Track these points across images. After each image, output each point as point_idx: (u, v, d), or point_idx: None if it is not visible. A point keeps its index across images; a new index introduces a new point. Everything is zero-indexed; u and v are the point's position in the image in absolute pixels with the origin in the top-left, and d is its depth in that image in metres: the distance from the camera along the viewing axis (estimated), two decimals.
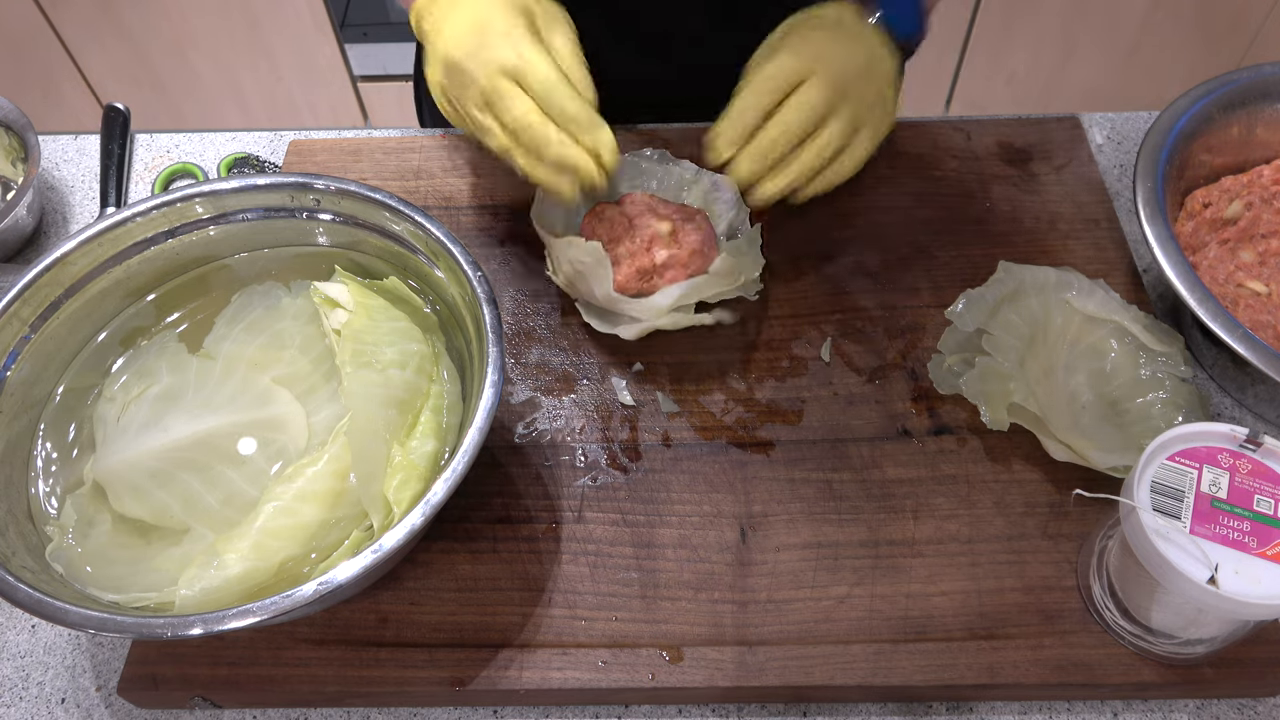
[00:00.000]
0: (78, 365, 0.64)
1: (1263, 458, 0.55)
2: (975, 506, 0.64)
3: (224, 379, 0.62)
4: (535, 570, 0.62)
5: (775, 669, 0.58)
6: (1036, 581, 0.61)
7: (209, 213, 0.66)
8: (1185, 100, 0.74)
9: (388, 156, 0.84)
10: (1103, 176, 0.81)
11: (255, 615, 0.49)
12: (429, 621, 0.61)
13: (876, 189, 0.80)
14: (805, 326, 0.73)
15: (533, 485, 0.66)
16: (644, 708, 0.60)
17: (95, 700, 0.61)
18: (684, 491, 0.65)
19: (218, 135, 0.90)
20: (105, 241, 0.63)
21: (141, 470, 0.58)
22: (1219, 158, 0.76)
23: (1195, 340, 0.71)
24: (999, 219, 0.78)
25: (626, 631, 0.60)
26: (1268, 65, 0.75)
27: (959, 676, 0.58)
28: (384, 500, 0.55)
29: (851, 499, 0.64)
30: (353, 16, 1.86)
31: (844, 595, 0.61)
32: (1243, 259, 0.72)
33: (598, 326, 0.70)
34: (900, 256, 0.77)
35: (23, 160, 0.84)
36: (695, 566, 0.62)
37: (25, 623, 0.64)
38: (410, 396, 0.59)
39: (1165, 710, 0.59)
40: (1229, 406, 0.71)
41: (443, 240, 0.61)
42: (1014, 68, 1.91)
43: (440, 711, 0.60)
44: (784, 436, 0.67)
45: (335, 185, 0.64)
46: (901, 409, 0.69)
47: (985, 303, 0.70)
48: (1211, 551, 0.51)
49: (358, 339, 0.59)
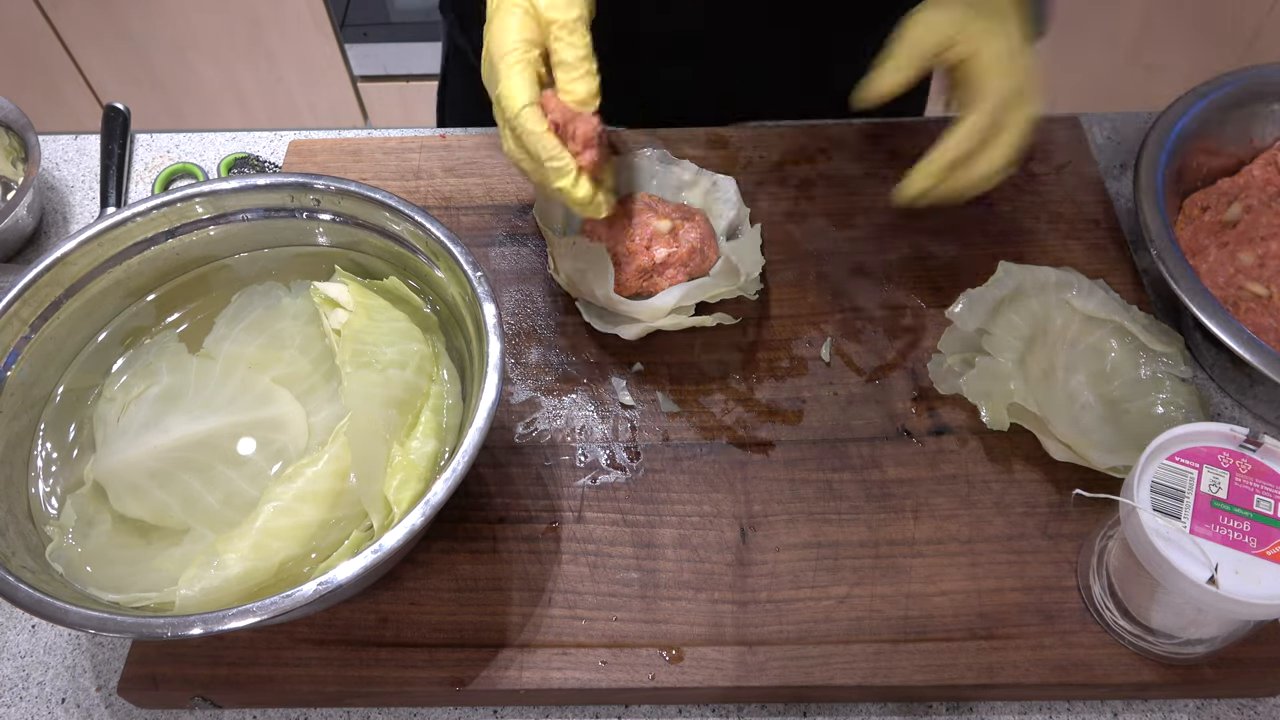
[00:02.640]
0: (78, 365, 0.64)
1: (1263, 458, 0.55)
2: (975, 506, 0.64)
3: (224, 379, 0.62)
4: (535, 570, 0.62)
5: (775, 669, 0.58)
6: (1036, 581, 0.61)
7: (209, 213, 0.66)
8: (1184, 102, 0.74)
9: (388, 156, 0.84)
10: (1103, 176, 0.81)
11: (255, 615, 0.49)
12: (429, 621, 0.61)
13: (876, 189, 0.80)
14: (805, 326, 0.73)
15: (533, 485, 0.66)
16: (644, 708, 0.60)
17: (95, 700, 0.61)
18: (684, 491, 0.65)
19: (218, 135, 0.90)
20: (105, 241, 0.63)
21: (141, 470, 0.58)
22: (1217, 159, 0.76)
23: (1195, 341, 0.71)
24: (999, 219, 0.78)
25: (626, 631, 0.60)
26: (1265, 67, 0.75)
27: (959, 676, 0.58)
28: (384, 500, 0.55)
29: (851, 499, 0.65)
30: (353, 16, 1.86)
31: (844, 595, 0.61)
32: (1242, 262, 0.72)
33: (598, 326, 0.70)
34: (900, 256, 0.77)
35: (23, 160, 0.84)
36: (695, 566, 0.62)
37: (25, 623, 0.64)
38: (410, 396, 0.59)
39: (1165, 710, 0.59)
40: (1229, 407, 0.71)
41: (443, 240, 0.61)
42: None
43: (440, 711, 0.60)
44: (784, 436, 0.67)
45: (335, 185, 0.64)
46: (901, 409, 0.69)
47: (985, 303, 0.70)
48: (1211, 551, 0.51)
49: (358, 339, 0.59)
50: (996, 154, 0.65)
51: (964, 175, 0.66)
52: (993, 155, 0.65)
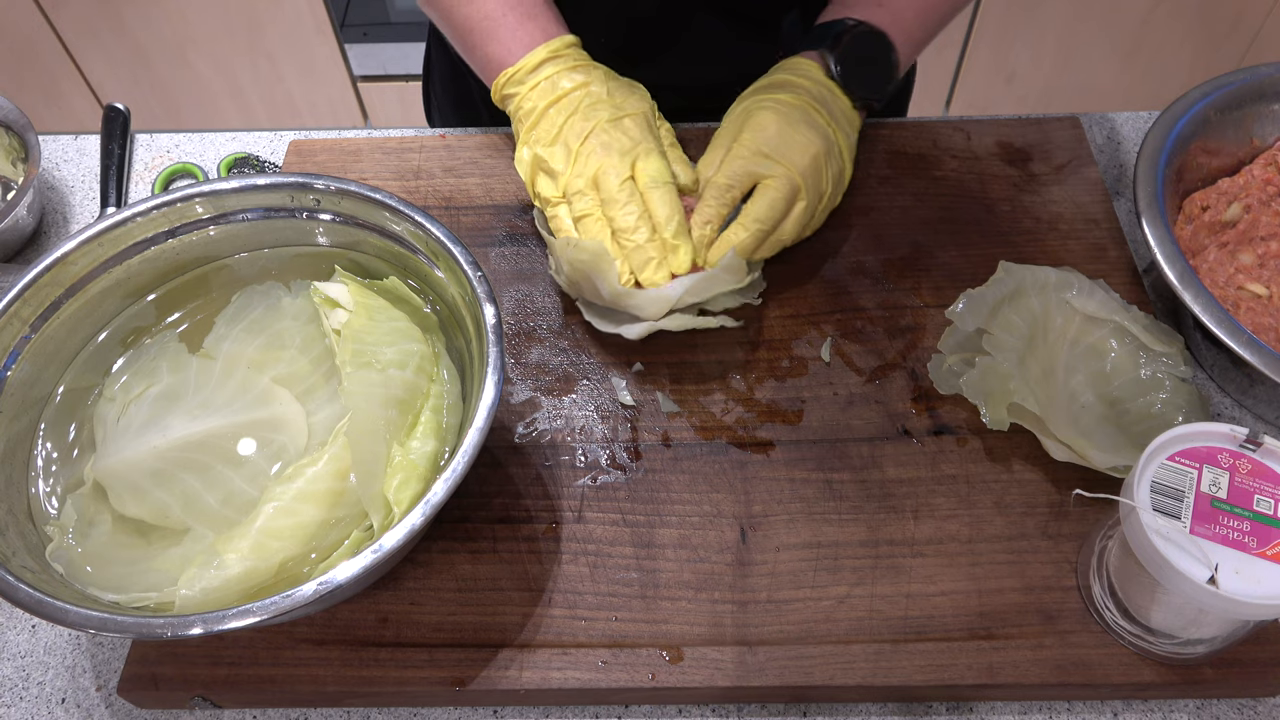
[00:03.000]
0: (78, 365, 0.64)
1: (1263, 458, 0.55)
2: (975, 506, 0.64)
3: (224, 379, 0.62)
4: (535, 570, 0.62)
5: (775, 669, 0.58)
6: (1036, 581, 0.61)
7: (209, 213, 0.66)
8: (1184, 102, 0.74)
9: (388, 156, 0.84)
10: (1103, 176, 0.81)
11: (255, 615, 0.49)
12: (429, 621, 0.61)
13: (876, 189, 0.80)
14: (805, 326, 0.73)
15: (533, 485, 0.66)
16: (644, 708, 0.60)
17: (95, 700, 0.61)
18: (684, 491, 0.65)
19: (218, 135, 0.90)
20: (105, 241, 0.63)
21: (141, 470, 0.58)
22: (1217, 159, 0.76)
23: (1195, 341, 0.71)
24: (999, 219, 0.78)
25: (626, 631, 0.60)
26: (1265, 67, 0.75)
27: (959, 676, 0.58)
28: (384, 500, 0.55)
29: (851, 499, 0.65)
30: (353, 17, 1.86)
31: (844, 595, 0.61)
32: (1242, 261, 0.72)
33: (600, 326, 0.70)
34: (900, 256, 0.77)
35: (23, 160, 0.84)
36: (695, 566, 0.62)
37: (25, 623, 0.64)
38: (410, 396, 0.59)
39: (1165, 710, 0.59)
40: (1229, 407, 0.71)
41: (443, 240, 0.61)
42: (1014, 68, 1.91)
43: (440, 711, 0.60)
44: (784, 436, 0.67)
45: (335, 185, 0.64)
46: (901, 409, 0.69)
47: (985, 303, 0.70)
48: (1211, 551, 0.51)
49: (358, 339, 0.59)
50: (814, 223, 0.73)
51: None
52: (811, 224, 0.73)
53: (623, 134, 0.68)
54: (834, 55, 0.74)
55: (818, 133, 0.70)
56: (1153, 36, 1.85)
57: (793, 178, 0.69)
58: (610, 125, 0.69)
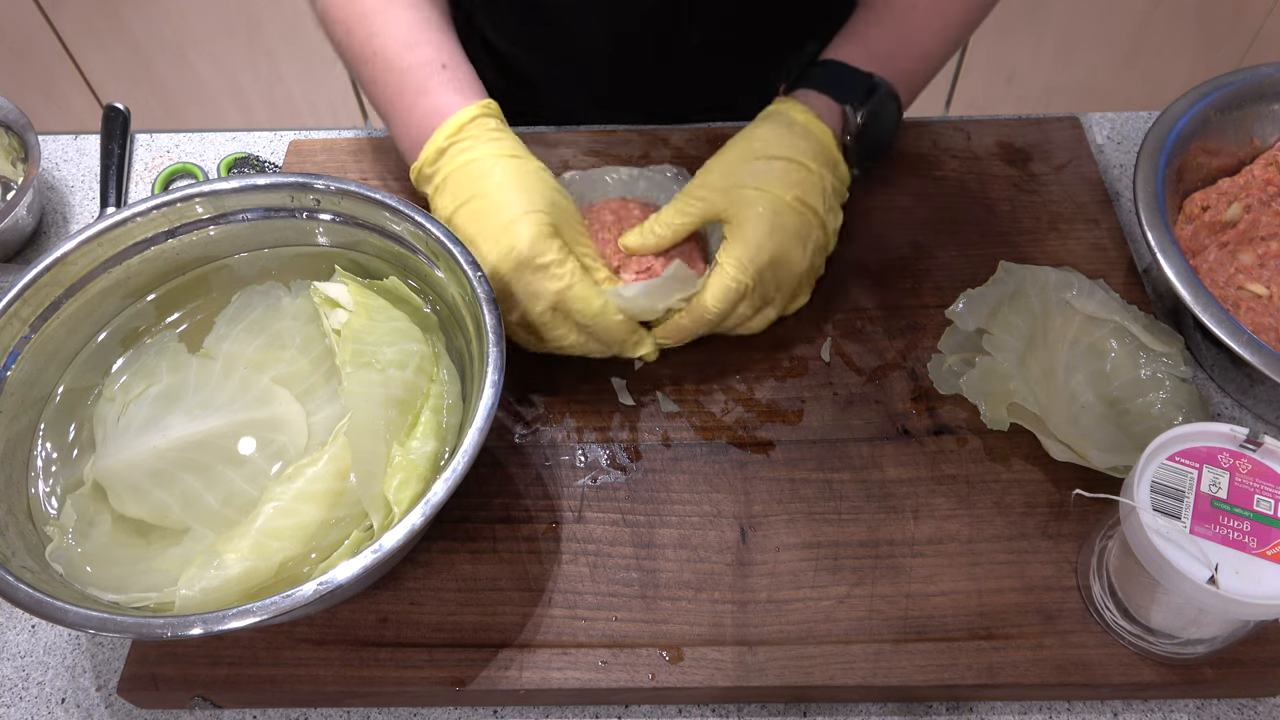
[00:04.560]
0: (78, 365, 0.64)
1: (1263, 458, 0.55)
2: (975, 506, 0.64)
3: (224, 379, 0.62)
4: (535, 570, 0.62)
5: (775, 669, 0.58)
6: (1036, 581, 0.61)
7: (209, 213, 0.66)
8: (1184, 102, 0.74)
9: (388, 156, 0.84)
10: (1103, 176, 0.81)
11: (255, 615, 0.49)
12: (429, 621, 0.61)
13: (876, 189, 0.80)
14: (805, 326, 0.73)
15: (533, 485, 0.66)
16: (644, 708, 0.60)
17: (95, 700, 0.61)
18: (684, 491, 0.65)
19: (218, 135, 0.90)
20: (105, 241, 0.63)
21: (141, 470, 0.58)
22: (1217, 159, 0.76)
23: (1195, 341, 0.71)
24: (999, 219, 0.78)
25: (626, 631, 0.60)
26: (1265, 67, 0.75)
27: (959, 676, 0.58)
28: (384, 500, 0.55)
29: (851, 499, 0.64)
30: None
31: (844, 595, 0.61)
32: (1243, 261, 0.72)
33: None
34: (900, 256, 0.77)
35: (23, 160, 0.84)
36: (695, 566, 0.62)
37: (25, 623, 0.64)
38: (410, 396, 0.59)
39: (1165, 710, 0.59)
40: (1229, 406, 0.71)
41: (443, 240, 0.61)
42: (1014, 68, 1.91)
43: (440, 711, 0.60)
44: (784, 436, 0.67)
45: (335, 185, 0.64)
46: (901, 409, 0.69)
47: (985, 303, 0.70)
48: (1211, 551, 0.51)
49: (358, 339, 0.59)
50: (792, 306, 0.70)
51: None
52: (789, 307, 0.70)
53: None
54: (858, 114, 0.69)
55: (807, 250, 0.67)
56: (1153, 36, 1.85)
57: (768, 295, 0.67)
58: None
